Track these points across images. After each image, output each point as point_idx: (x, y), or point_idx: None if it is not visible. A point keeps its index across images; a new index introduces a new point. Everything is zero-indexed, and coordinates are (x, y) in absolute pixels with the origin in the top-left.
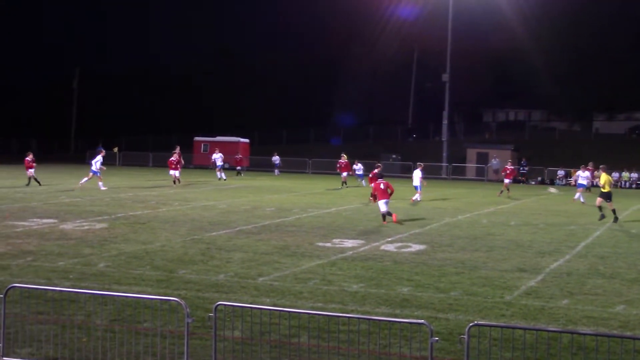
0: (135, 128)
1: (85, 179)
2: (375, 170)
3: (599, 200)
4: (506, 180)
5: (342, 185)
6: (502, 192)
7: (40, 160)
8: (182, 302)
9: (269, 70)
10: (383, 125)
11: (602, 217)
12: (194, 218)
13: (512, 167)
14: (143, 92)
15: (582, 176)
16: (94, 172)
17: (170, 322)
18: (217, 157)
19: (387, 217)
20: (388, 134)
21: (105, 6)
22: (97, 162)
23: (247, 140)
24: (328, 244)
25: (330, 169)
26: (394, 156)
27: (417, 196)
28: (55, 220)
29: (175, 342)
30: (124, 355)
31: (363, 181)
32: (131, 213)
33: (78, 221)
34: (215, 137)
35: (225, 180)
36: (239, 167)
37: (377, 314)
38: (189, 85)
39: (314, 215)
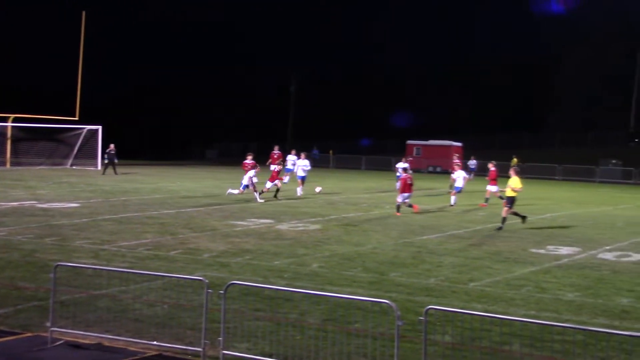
0: (349, 132)
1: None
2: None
3: None
4: None
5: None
6: None
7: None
8: (393, 305)
9: (482, 71)
10: (602, 129)
11: None
12: (405, 221)
13: None
14: (356, 96)
15: None
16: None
17: (381, 324)
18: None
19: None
20: (605, 139)
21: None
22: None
23: (459, 144)
24: (542, 251)
25: (545, 174)
26: (613, 161)
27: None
28: (272, 221)
29: (386, 345)
30: (335, 355)
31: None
32: (344, 215)
33: (293, 222)
34: (427, 140)
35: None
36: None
37: (593, 325)
38: (402, 89)
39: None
